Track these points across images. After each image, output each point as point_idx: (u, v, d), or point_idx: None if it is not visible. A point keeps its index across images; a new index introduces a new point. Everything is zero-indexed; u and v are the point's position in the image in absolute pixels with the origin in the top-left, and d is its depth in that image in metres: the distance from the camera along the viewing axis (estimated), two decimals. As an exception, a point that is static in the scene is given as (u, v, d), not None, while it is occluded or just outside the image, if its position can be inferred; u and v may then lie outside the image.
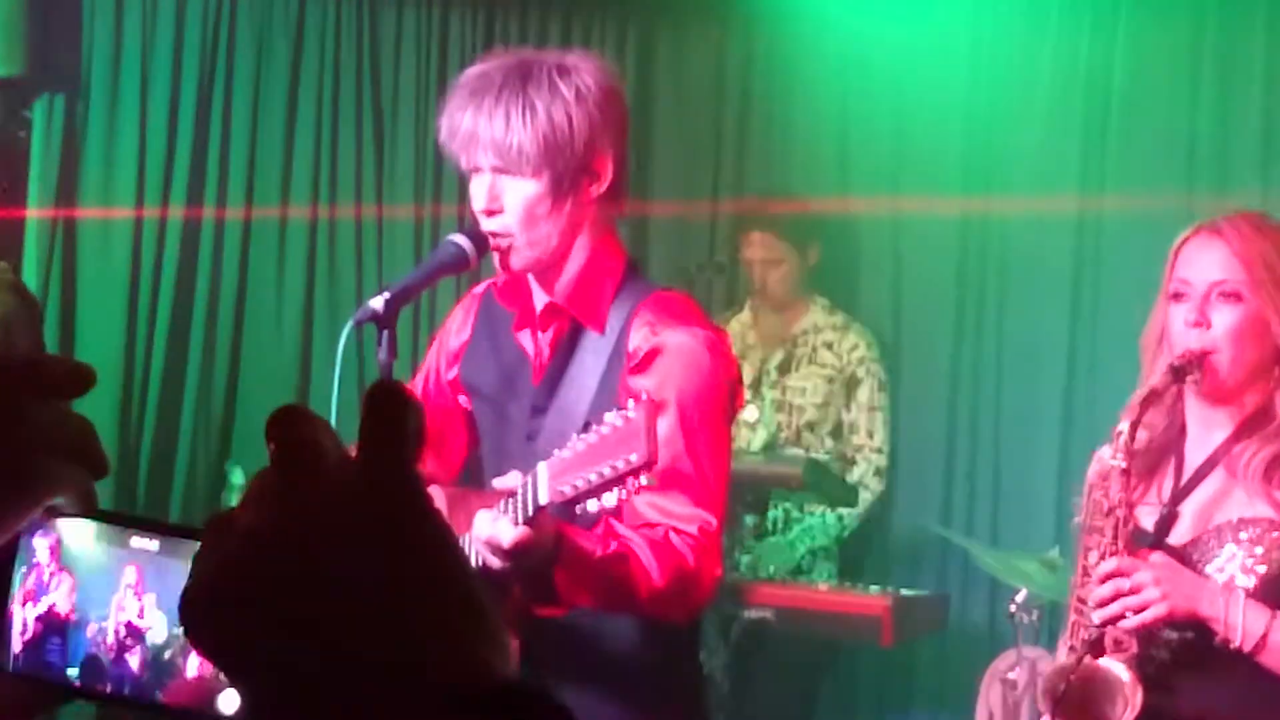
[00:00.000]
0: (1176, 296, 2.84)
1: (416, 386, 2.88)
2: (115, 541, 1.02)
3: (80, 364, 0.95)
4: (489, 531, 2.25)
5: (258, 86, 5.70)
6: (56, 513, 0.98)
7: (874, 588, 4.83)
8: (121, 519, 1.02)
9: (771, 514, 5.00)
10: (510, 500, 2.23)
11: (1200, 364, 2.79)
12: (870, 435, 5.13)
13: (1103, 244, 5.07)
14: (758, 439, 5.12)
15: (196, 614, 0.81)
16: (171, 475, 5.64)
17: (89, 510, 0.98)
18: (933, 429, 5.31)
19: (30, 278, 5.45)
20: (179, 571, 0.96)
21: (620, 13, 5.52)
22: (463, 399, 2.82)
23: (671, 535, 2.46)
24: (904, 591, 4.81)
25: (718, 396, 2.54)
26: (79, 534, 1.03)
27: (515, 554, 2.23)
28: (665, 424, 2.42)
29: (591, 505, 2.16)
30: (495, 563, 2.27)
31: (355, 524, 0.79)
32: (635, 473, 2.08)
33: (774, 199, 5.37)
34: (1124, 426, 2.80)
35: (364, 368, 4.91)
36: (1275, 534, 2.76)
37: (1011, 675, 4.54)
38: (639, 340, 2.54)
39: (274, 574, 0.79)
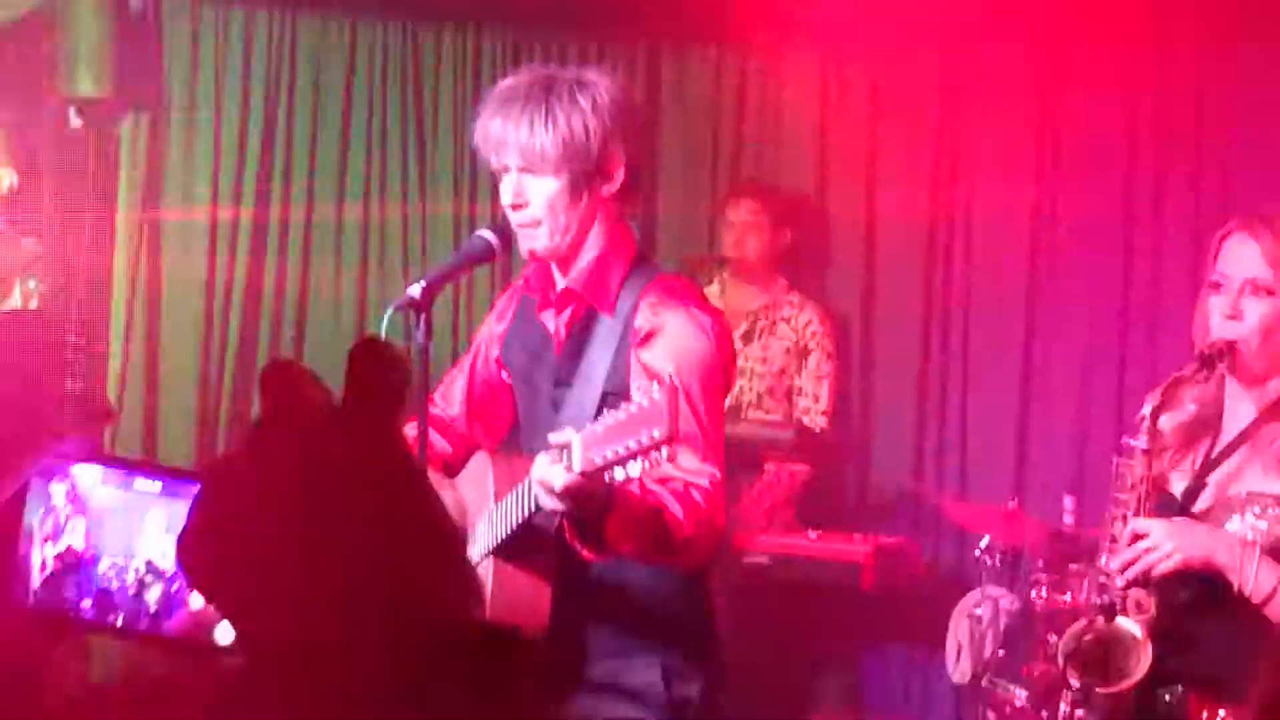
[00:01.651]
0: (1215, 286, 2.93)
1: (465, 364, 3.07)
2: (121, 484, 1.05)
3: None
4: (543, 473, 2.40)
5: (316, 106, 5.91)
6: (69, 458, 1.02)
7: (856, 536, 5.07)
8: (127, 463, 1.06)
9: None
10: (564, 451, 2.38)
11: (1230, 353, 2.87)
12: (817, 399, 5.55)
13: (1060, 208, 5.26)
14: None
15: (190, 554, 0.83)
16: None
17: (96, 454, 1.02)
18: (905, 396, 5.59)
19: (120, 277, 5.69)
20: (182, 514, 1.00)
21: (629, 34, 5.77)
22: (505, 375, 3.01)
23: (690, 488, 2.59)
24: (883, 539, 5.06)
25: (713, 367, 2.69)
26: (90, 478, 1.05)
27: (564, 496, 2.38)
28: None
29: (618, 474, 2.30)
30: (547, 502, 2.43)
31: (333, 468, 0.81)
32: (658, 446, 2.22)
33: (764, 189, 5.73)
34: (1147, 411, 2.88)
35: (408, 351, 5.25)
36: (1278, 509, 2.85)
37: (978, 611, 4.80)
38: (643, 320, 2.71)
39: (258, 515, 0.81)
